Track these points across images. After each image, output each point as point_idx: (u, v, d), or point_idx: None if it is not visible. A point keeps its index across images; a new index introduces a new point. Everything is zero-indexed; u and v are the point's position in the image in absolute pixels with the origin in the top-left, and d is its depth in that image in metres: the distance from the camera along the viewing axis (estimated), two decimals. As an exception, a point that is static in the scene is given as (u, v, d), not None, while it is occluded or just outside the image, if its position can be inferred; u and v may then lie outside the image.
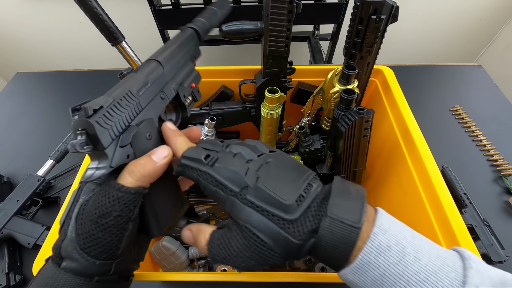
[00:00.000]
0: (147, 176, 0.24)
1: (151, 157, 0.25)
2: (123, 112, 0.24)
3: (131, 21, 1.55)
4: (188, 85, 0.35)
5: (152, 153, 0.25)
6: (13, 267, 0.59)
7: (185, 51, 0.36)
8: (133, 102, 0.25)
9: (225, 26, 0.47)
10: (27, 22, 1.59)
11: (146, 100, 0.27)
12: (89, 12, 0.44)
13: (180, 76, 0.34)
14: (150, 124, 0.27)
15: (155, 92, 0.29)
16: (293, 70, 0.54)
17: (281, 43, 0.48)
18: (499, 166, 0.74)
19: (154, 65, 0.30)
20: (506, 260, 0.56)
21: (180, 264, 0.61)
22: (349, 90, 0.44)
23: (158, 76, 0.29)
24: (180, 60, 0.34)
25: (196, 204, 0.66)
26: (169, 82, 0.31)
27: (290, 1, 0.44)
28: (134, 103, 0.26)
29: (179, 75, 0.34)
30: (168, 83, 0.31)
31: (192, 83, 0.36)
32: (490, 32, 1.62)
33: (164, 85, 0.30)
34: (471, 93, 0.92)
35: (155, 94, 0.29)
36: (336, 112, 0.45)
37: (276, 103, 0.51)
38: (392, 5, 0.41)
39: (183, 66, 0.35)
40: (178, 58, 0.34)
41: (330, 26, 1.24)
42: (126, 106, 0.25)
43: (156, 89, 0.29)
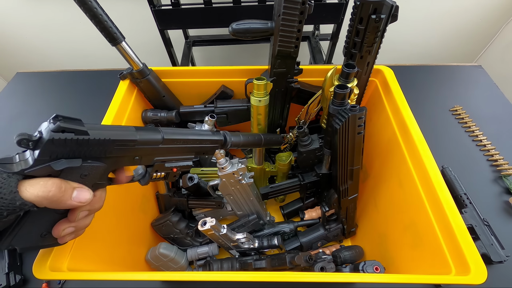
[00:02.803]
0: (53, 202, 0.24)
1: (73, 192, 0.25)
2: (84, 148, 0.25)
3: (131, 21, 1.55)
4: (169, 167, 0.36)
5: (77, 189, 0.25)
6: (13, 267, 0.59)
7: (196, 146, 0.38)
8: (100, 148, 0.26)
9: (235, 24, 0.47)
10: (27, 22, 1.59)
11: (118, 152, 0.28)
12: (89, 12, 0.44)
13: (168, 157, 0.35)
14: (97, 170, 0.27)
15: (133, 153, 0.30)
16: (301, 71, 0.54)
17: (291, 43, 0.48)
18: (499, 166, 0.73)
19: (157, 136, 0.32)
20: (506, 260, 0.56)
21: (179, 268, 0.61)
22: (341, 85, 0.44)
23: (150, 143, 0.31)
24: (183, 149, 0.36)
25: (194, 207, 0.66)
26: (156, 154, 0.33)
27: (302, 2, 0.44)
28: (101, 148, 0.26)
29: (169, 156, 0.35)
30: (154, 154, 0.33)
31: (175, 168, 0.37)
32: (490, 32, 1.62)
33: (148, 153, 0.32)
34: (471, 93, 0.92)
35: (132, 155, 0.30)
36: (331, 108, 0.45)
37: (263, 90, 0.51)
38: (391, 4, 0.41)
39: (179, 153, 0.36)
40: (182, 147, 0.36)
41: (330, 26, 1.24)
42: (93, 144, 0.25)
43: (137, 151, 0.30)
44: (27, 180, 0.23)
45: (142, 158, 0.31)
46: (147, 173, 0.35)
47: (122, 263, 0.52)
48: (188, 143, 0.36)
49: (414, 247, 0.45)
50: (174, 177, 0.38)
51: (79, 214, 0.28)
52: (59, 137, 0.23)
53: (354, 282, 0.48)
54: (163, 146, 0.33)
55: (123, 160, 0.30)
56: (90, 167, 0.26)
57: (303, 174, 0.61)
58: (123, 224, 0.53)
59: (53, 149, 0.23)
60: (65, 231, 0.28)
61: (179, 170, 0.38)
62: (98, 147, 0.26)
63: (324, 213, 0.60)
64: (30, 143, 0.22)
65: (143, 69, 0.55)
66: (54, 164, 0.24)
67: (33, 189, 0.23)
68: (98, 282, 0.38)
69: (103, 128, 0.27)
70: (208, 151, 0.41)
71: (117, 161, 0.29)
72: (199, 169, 0.64)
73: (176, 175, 0.38)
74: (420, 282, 0.36)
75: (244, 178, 0.56)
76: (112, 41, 0.49)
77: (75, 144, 0.24)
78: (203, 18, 1.09)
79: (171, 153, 0.35)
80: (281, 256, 0.55)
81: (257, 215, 0.64)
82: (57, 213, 0.28)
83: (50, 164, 0.23)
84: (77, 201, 0.25)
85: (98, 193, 0.30)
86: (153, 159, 0.33)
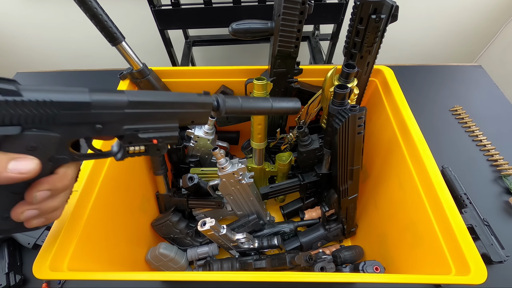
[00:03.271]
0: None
1: (7, 162, 0.21)
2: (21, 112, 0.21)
3: (131, 21, 1.55)
4: (146, 137, 0.29)
5: (14, 158, 0.21)
6: (13, 267, 0.59)
7: (177, 111, 0.31)
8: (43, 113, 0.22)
9: (235, 24, 0.47)
10: (27, 22, 1.59)
11: (69, 118, 0.23)
12: (89, 12, 0.44)
13: (141, 125, 0.28)
14: (47, 141, 0.23)
15: (91, 119, 0.25)
16: (301, 71, 0.54)
17: (291, 43, 0.48)
18: (499, 166, 0.73)
19: (120, 98, 0.26)
20: (506, 260, 0.56)
21: (179, 268, 0.61)
22: (341, 85, 0.44)
23: (110, 107, 0.25)
24: (160, 115, 0.29)
25: (194, 207, 0.67)
26: (123, 121, 0.27)
27: (302, 2, 0.44)
28: (44, 113, 0.22)
29: (142, 124, 0.28)
30: (120, 122, 0.27)
31: (156, 139, 0.30)
32: (490, 32, 1.62)
33: (113, 120, 0.26)
34: (471, 93, 0.92)
35: (90, 122, 0.25)
36: (331, 108, 0.45)
37: (263, 90, 0.51)
38: (392, 4, 0.41)
39: (156, 120, 0.30)
40: (157, 112, 0.29)
41: (330, 26, 1.24)
42: (31, 108, 0.21)
43: (96, 117, 0.25)
44: None
45: (105, 127, 0.26)
46: (121, 146, 0.29)
47: (122, 263, 0.52)
48: (165, 107, 0.29)
49: (414, 247, 0.45)
50: (158, 151, 0.31)
51: (36, 194, 0.24)
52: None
53: (354, 282, 0.48)
54: (130, 110, 0.27)
55: (80, 128, 0.25)
56: (37, 137, 0.22)
57: (303, 174, 0.61)
58: (123, 224, 0.53)
59: None
60: (25, 214, 0.24)
61: (162, 142, 0.31)
62: (40, 112, 0.21)
63: (324, 213, 0.60)
64: None
65: (143, 69, 0.55)
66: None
67: None
68: (98, 282, 0.38)
69: (43, 90, 0.22)
70: (196, 118, 0.33)
71: (73, 130, 0.25)
72: (199, 169, 0.64)
73: (160, 148, 0.31)
74: (420, 282, 0.36)
75: (244, 178, 0.56)
76: (112, 41, 0.49)
77: (5, 107, 0.20)
78: (203, 18, 1.08)
79: (144, 120, 0.28)
80: (281, 256, 0.55)
81: (257, 215, 0.64)
82: (11, 192, 0.24)
83: None
84: (16, 172, 0.21)
85: (61, 170, 0.26)
86: (122, 127, 0.27)
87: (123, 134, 0.28)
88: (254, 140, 0.59)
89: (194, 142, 0.62)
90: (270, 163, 0.68)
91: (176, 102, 0.30)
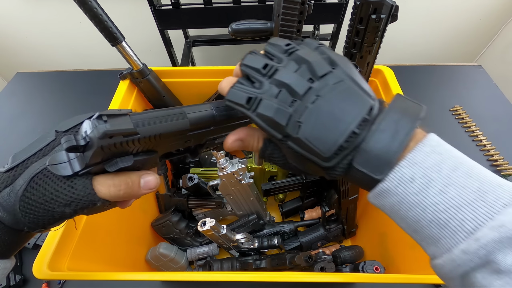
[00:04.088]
0: (126, 197, 0.23)
1: (140, 181, 0.24)
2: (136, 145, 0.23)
3: (131, 21, 1.55)
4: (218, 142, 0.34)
5: (142, 176, 0.25)
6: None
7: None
8: (151, 142, 0.24)
9: (234, 24, 0.47)
10: (27, 22, 1.59)
11: (169, 141, 0.26)
12: (89, 12, 0.44)
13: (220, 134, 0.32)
14: (149, 161, 0.26)
15: (186, 139, 0.28)
16: None
17: None
18: (499, 166, 0.73)
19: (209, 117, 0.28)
20: (506, 260, 0.56)
21: (179, 268, 0.61)
22: None
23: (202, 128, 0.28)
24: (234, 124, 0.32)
25: (194, 207, 0.67)
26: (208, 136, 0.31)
27: (302, 2, 0.44)
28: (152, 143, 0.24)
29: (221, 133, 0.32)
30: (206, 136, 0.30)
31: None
32: (490, 32, 1.62)
33: (201, 137, 0.30)
34: (471, 93, 0.92)
35: (184, 140, 0.28)
36: None
37: None
38: (391, 4, 0.41)
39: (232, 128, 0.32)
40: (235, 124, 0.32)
41: (330, 26, 1.24)
42: (144, 141, 0.23)
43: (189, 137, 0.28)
44: (96, 178, 0.22)
45: (193, 141, 0.29)
46: (196, 149, 0.33)
47: (122, 263, 0.52)
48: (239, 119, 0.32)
49: (414, 247, 0.45)
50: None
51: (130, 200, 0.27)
52: (107, 143, 0.21)
53: (354, 282, 0.48)
54: (215, 128, 0.30)
55: (174, 145, 0.28)
56: (142, 160, 0.25)
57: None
58: (123, 224, 0.53)
59: (103, 154, 0.22)
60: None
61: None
62: (150, 143, 0.24)
63: (324, 213, 0.60)
64: (79, 147, 0.21)
65: (143, 69, 0.55)
66: (108, 166, 0.23)
67: (104, 188, 0.22)
68: (98, 282, 0.38)
69: (152, 122, 0.24)
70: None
71: (168, 147, 0.28)
72: (199, 169, 0.64)
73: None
74: (420, 282, 0.36)
75: (244, 178, 0.56)
76: (112, 41, 0.49)
77: (125, 145, 0.22)
78: (203, 18, 1.08)
79: (224, 131, 0.31)
80: (281, 256, 0.55)
81: (257, 215, 0.64)
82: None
83: (104, 165, 0.22)
84: (147, 188, 0.25)
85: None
86: (205, 139, 0.31)
87: (204, 142, 0.31)
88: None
89: (194, 142, 0.62)
90: (270, 163, 0.68)
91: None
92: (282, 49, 0.25)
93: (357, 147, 0.21)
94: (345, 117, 0.21)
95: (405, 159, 0.20)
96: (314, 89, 0.22)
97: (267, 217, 0.67)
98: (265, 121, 0.22)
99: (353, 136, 0.21)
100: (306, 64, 0.23)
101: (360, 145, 0.21)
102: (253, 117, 0.23)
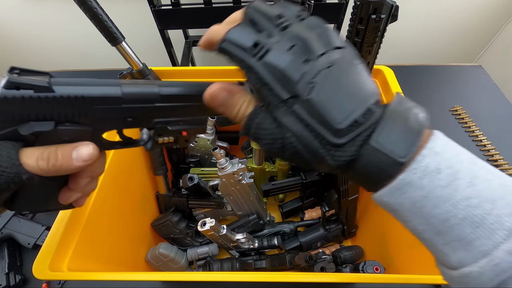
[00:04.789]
0: (57, 171, 0.21)
1: (71, 153, 0.22)
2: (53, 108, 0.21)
3: (131, 21, 1.55)
4: (176, 130, 0.29)
5: (75, 148, 0.22)
6: (13, 267, 0.59)
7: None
8: (74, 108, 0.22)
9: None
10: (27, 22, 1.59)
11: (101, 112, 0.23)
12: (89, 12, 0.44)
13: (172, 118, 0.28)
14: (79, 135, 0.23)
15: (123, 113, 0.24)
16: None
17: None
18: (499, 166, 0.73)
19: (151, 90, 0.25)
20: (506, 260, 0.56)
21: (179, 268, 0.61)
22: None
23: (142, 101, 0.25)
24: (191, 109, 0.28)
25: (194, 207, 0.67)
26: (154, 115, 0.26)
27: (302, 2, 0.44)
28: (76, 108, 0.22)
29: (173, 117, 0.28)
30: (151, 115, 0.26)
31: (185, 131, 0.30)
32: (490, 32, 1.62)
33: (144, 114, 0.26)
34: (471, 93, 0.92)
35: (121, 116, 0.25)
36: None
37: None
38: (392, 4, 0.41)
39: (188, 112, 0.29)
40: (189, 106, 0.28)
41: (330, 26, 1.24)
42: (63, 104, 0.21)
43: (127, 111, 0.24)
44: (23, 150, 0.21)
45: (136, 120, 0.26)
46: (151, 137, 0.29)
47: (122, 263, 0.52)
48: (198, 100, 0.27)
49: (414, 247, 0.45)
50: (186, 142, 0.31)
51: (80, 182, 0.25)
52: (13, 95, 0.19)
53: (354, 282, 0.48)
54: (162, 104, 0.26)
55: (112, 122, 0.25)
56: (69, 132, 0.22)
57: (305, 173, 0.61)
58: (123, 224, 0.53)
59: (11, 109, 0.19)
60: (71, 198, 0.26)
61: (192, 134, 0.31)
62: (72, 107, 0.21)
63: (324, 213, 0.60)
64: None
65: (143, 69, 0.55)
66: (21, 128, 0.20)
67: (31, 160, 0.20)
68: (98, 282, 0.38)
69: (74, 83, 0.21)
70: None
71: (104, 123, 0.24)
72: (199, 169, 0.64)
73: (189, 139, 0.31)
74: (420, 282, 0.36)
75: (244, 178, 0.56)
76: (112, 41, 0.49)
77: (38, 104, 0.20)
78: (203, 18, 1.08)
79: (175, 113, 0.28)
80: (281, 256, 0.55)
81: (257, 215, 0.64)
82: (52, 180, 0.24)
83: (17, 127, 0.20)
84: (81, 160, 0.22)
85: (100, 157, 0.26)
86: (152, 121, 0.27)
87: (154, 127, 0.27)
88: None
89: (194, 142, 0.62)
90: (270, 163, 0.68)
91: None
92: (294, 12, 0.21)
93: (375, 124, 0.18)
94: (362, 91, 0.19)
95: (425, 148, 0.18)
96: (330, 55, 0.19)
97: (267, 217, 0.67)
98: (272, 72, 0.19)
99: (369, 113, 0.18)
100: (322, 29, 0.20)
101: (378, 122, 0.18)
102: (255, 67, 0.19)
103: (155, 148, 0.30)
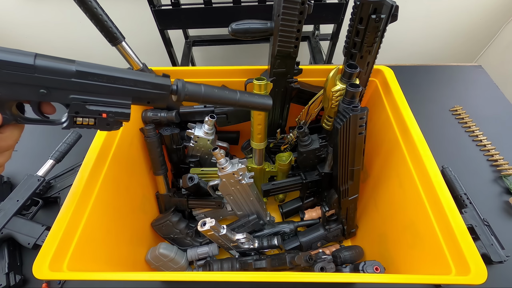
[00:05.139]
0: None
1: None
2: None
3: (131, 21, 1.55)
4: (95, 110, 0.29)
5: None
6: (13, 267, 0.59)
7: (130, 88, 0.31)
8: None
9: (234, 24, 0.47)
10: (27, 22, 1.59)
11: (11, 78, 0.24)
12: (89, 12, 0.44)
13: (90, 97, 0.28)
14: None
15: (35, 82, 0.25)
16: (300, 71, 0.54)
17: (291, 43, 0.48)
18: (499, 166, 0.73)
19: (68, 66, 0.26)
20: (506, 260, 0.56)
21: (179, 268, 0.61)
22: (354, 84, 0.45)
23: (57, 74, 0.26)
24: (111, 90, 0.29)
25: (194, 207, 0.67)
26: (69, 90, 0.27)
27: (302, 2, 0.44)
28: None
29: (91, 96, 0.28)
30: (66, 90, 0.27)
31: (105, 113, 0.30)
32: (490, 32, 1.62)
33: (58, 87, 0.26)
34: (471, 93, 0.92)
35: (33, 85, 0.25)
36: (341, 106, 0.45)
37: (263, 91, 0.51)
38: (391, 4, 0.41)
39: (108, 95, 0.29)
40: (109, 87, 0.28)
41: (330, 26, 1.24)
42: None
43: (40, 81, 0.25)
44: None
45: (51, 93, 0.26)
46: (68, 116, 0.29)
47: (122, 263, 0.52)
48: (117, 82, 0.29)
49: (414, 247, 0.45)
50: (108, 126, 0.31)
51: None
52: None
53: (354, 282, 0.48)
54: (77, 80, 0.27)
55: (23, 90, 0.25)
56: None
57: (305, 173, 0.61)
58: (123, 224, 0.53)
59: None
60: None
61: (113, 117, 0.30)
62: None
63: (324, 213, 0.60)
64: None
65: (143, 69, 0.55)
66: None
67: None
68: (98, 282, 0.38)
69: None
70: (152, 98, 0.33)
71: (15, 90, 0.25)
72: (199, 169, 0.64)
73: (111, 124, 0.31)
74: (420, 282, 0.36)
75: (244, 178, 0.56)
76: (112, 41, 0.49)
77: None
78: (203, 18, 1.08)
79: (93, 92, 0.28)
80: (281, 256, 0.55)
81: (257, 215, 0.64)
82: None
83: None
84: None
85: (5, 131, 0.27)
86: (68, 96, 0.27)
87: (70, 103, 0.28)
88: (254, 140, 0.59)
89: (194, 142, 0.62)
90: (270, 163, 0.68)
91: (129, 79, 0.30)
92: None
93: None
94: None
95: None
96: None
97: (267, 217, 0.67)
98: None
99: None
100: None
101: None
102: None
103: (71, 127, 0.30)
